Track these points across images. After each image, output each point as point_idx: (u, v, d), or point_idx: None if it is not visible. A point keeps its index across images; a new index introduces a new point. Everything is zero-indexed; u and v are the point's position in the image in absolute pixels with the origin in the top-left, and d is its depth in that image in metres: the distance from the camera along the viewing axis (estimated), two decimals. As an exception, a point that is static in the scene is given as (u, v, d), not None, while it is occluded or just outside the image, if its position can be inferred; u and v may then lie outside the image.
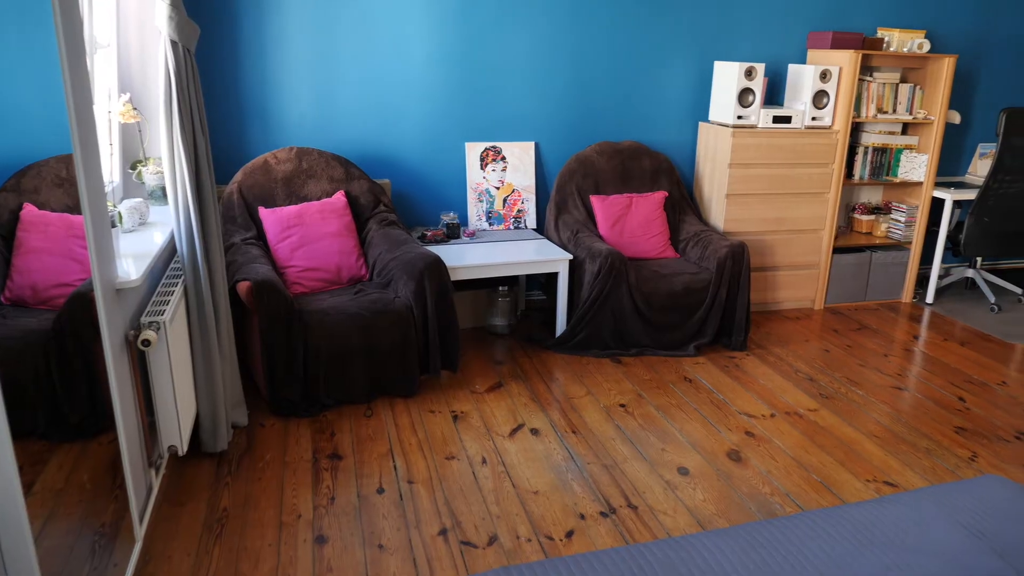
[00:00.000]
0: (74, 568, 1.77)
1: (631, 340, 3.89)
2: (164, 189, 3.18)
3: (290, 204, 3.65)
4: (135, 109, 3.07)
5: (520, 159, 4.33)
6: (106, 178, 3.03)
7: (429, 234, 4.01)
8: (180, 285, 2.70)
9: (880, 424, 3.27)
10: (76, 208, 1.92)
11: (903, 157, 4.75)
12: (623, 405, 3.37)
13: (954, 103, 5.10)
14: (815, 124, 4.43)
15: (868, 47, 4.44)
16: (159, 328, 2.40)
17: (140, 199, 2.94)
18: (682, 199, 4.44)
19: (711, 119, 4.52)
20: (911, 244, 4.82)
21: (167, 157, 2.59)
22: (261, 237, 3.58)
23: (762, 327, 4.38)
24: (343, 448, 2.95)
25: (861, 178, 4.73)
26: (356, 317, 3.20)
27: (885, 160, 4.75)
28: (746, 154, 4.30)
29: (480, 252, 3.87)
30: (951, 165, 5.32)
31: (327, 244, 3.53)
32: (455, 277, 3.63)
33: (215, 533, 2.41)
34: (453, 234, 4.09)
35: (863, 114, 4.57)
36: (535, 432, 3.12)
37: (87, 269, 1.98)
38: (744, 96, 4.27)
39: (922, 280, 5.15)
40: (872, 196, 5.06)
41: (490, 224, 4.33)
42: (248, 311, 3.15)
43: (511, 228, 4.36)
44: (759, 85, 4.27)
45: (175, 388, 2.50)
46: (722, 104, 4.39)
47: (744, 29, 4.55)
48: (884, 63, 4.67)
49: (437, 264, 3.32)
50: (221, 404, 2.81)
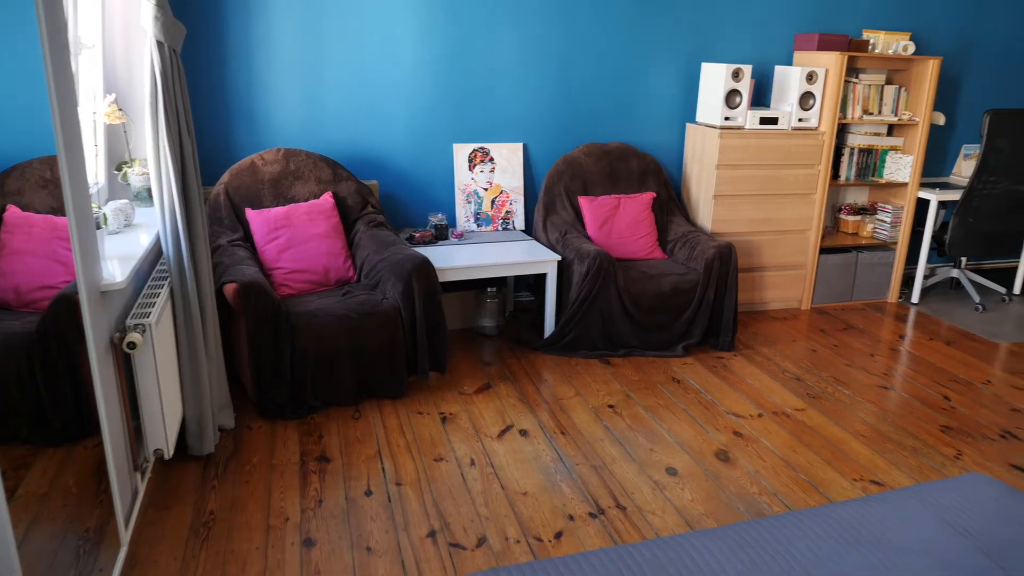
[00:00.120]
0: (58, 573, 1.75)
1: (619, 341, 3.90)
2: (150, 190, 3.16)
3: (277, 205, 3.63)
4: (120, 110, 3.05)
5: (508, 160, 4.33)
6: (91, 179, 3.01)
7: (417, 235, 4.00)
8: (166, 287, 2.69)
9: (866, 423, 3.29)
10: (60, 210, 1.90)
11: (888, 158, 4.78)
12: (612, 406, 3.37)
13: (939, 105, 5.14)
14: (801, 125, 4.46)
15: (854, 49, 4.47)
16: (145, 330, 2.38)
17: (125, 200, 2.92)
18: (670, 200, 4.46)
19: (698, 120, 4.54)
20: (897, 244, 4.86)
21: (153, 158, 2.57)
22: (248, 239, 3.56)
23: (750, 327, 4.40)
24: (331, 450, 2.94)
25: (847, 179, 4.76)
26: (344, 319, 3.19)
27: (871, 161, 4.78)
28: (733, 155, 4.32)
29: (468, 253, 3.87)
30: (936, 166, 5.37)
31: (314, 246, 3.52)
32: (443, 278, 3.62)
33: (202, 537, 2.40)
34: (441, 235, 4.08)
35: (849, 115, 4.60)
36: (524, 433, 3.12)
37: (71, 271, 1.96)
38: (731, 97, 4.29)
39: (908, 280, 5.19)
40: (858, 197, 5.10)
41: (478, 225, 4.32)
42: (235, 313, 3.13)
43: (499, 229, 4.35)
44: (746, 86, 4.29)
45: (161, 391, 2.48)
46: (709, 105, 4.40)
47: (731, 31, 4.57)
48: (869, 65, 4.70)
49: (425, 265, 3.31)
50: (208, 407, 2.80)
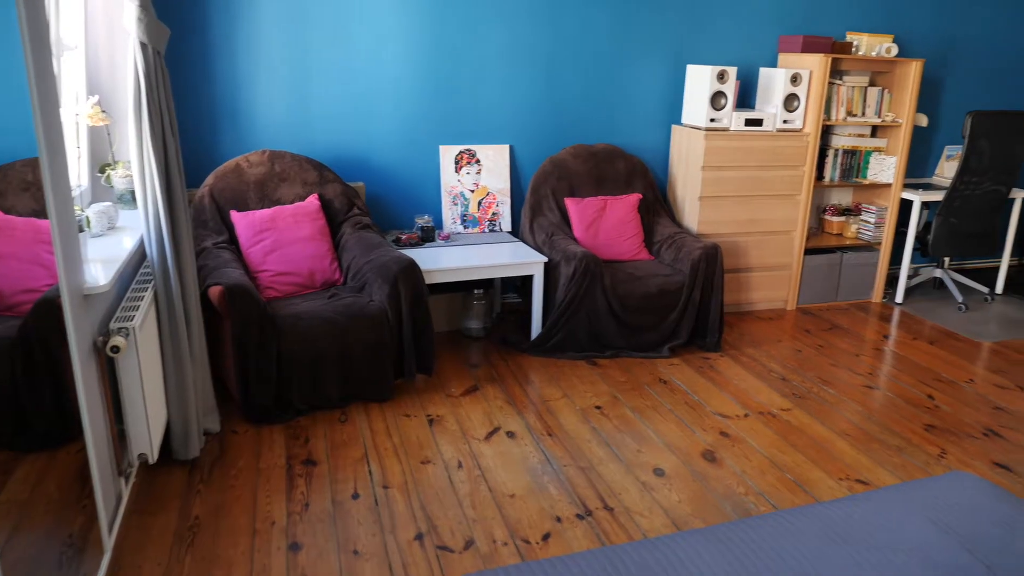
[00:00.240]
0: (41, 580, 1.73)
1: (606, 342, 3.90)
2: (133, 193, 3.14)
3: (263, 208, 3.61)
4: (103, 112, 3.03)
5: (495, 162, 4.33)
6: (74, 182, 2.98)
7: (404, 237, 3.99)
8: (150, 290, 2.67)
9: (852, 423, 3.31)
10: (43, 212, 1.89)
11: (872, 159, 4.82)
12: (599, 407, 3.38)
13: (921, 106, 5.18)
14: (786, 127, 4.48)
15: (837, 51, 4.50)
16: (128, 334, 2.36)
17: (109, 203, 2.89)
18: (656, 201, 4.47)
19: (684, 122, 4.55)
20: (880, 245, 4.89)
21: (136, 160, 2.55)
22: (233, 241, 3.54)
23: (736, 328, 4.41)
24: (317, 454, 2.93)
25: (831, 180, 4.79)
26: (330, 321, 3.18)
27: (855, 162, 4.82)
28: (719, 156, 4.34)
29: (455, 255, 3.86)
30: (919, 167, 5.41)
31: (300, 248, 3.50)
32: (430, 280, 3.62)
33: (186, 542, 2.38)
34: (428, 237, 4.07)
35: (833, 117, 4.63)
36: (511, 435, 3.12)
37: (54, 275, 1.94)
38: (716, 99, 4.31)
39: (892, 280, 5.23)
40: (842, 198, 5.13)
41: (465, 227, 4.32)
42: (220, 316, 3.11)
43: (486, 231, 4.35)
44: (731, 88, 4.31)
45: (145, 395, 2.46)
46: (695, 107, 4.42)
47: (716, 33, 4.59)
48: (853, 67, 4.73)
49: (411, 267, 3.31)
50: (193, 411, 2.78)
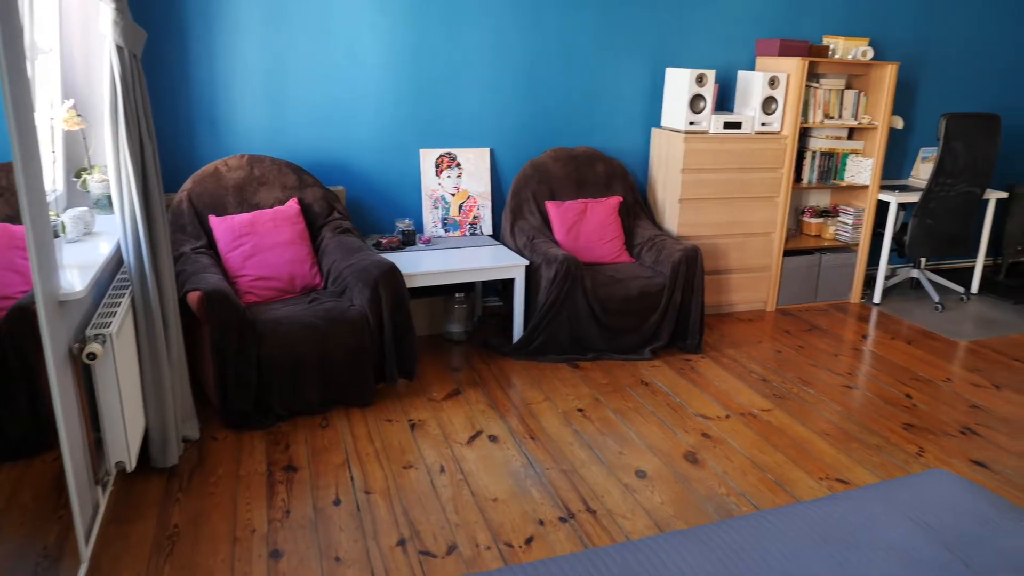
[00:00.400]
0: (17, 591, 1.70)
1: (588, 345, 3.91)
2: (110, 198, 3.10)
3: (242, 212, 3.59)
4: (79, 116, 2.99)
5: (475, 165, 4.33)
6: (49, 187, 2.95)
7: (384, 241, 3.98)
8: (127, 296, 2.63)
9: (831, 423, 3.34)
10: (17, 218, 1.86)
11: (849, 161, 4.87)
12: (581, 410, 3.38)
13: (897, 109, 5.24)
14: (764, 130, 4.52)
15: (814, 54, 4.54)
16: (105, 341, 2.33)
17: (85, 208, 2.86)
18: (636, 204, 4.49)
19: (663, 125, 4.58)
20: (858, 246, 4.94)
21: (113, 165, 2.52)
22: (212, 246, 3.51)
23: (716, 329, 4.44)
24: (298, 460, 2.90)
25: (809, 182, 4.83)
26: (310, 326, 3.16)
27: (832, 164, 4.86)
28: (698, 159, 4.36)
29: (436, 259, 3.86)
30: (895, 169, 5.48)
31: (280, 252, 3.48)
32: (411, 284, 3.61)
33: (165, 551, 2.35)
34: (408, 241, 4.06)
35: (810, 120, 4.67)
36: (493, 439, 3.11)
37: (29, 281, 1.92)
38: (695, 102, 4.33)
39: (869, 281, 5.28)
40: (820, 200, 5.18)
41: (446, 231, 4.31)
42: (199, 322, 3.08)
43: (467, 234, 4.35)
44: (710, 91, 4.34)
45: (122, 402, 2.43)
46: (674, 110, 4.44)
47: (694, 36, 4.62)
48: (830, 70, 4.78)
49: (392, 272, 3.29)
50: (171, 418, 2.75)
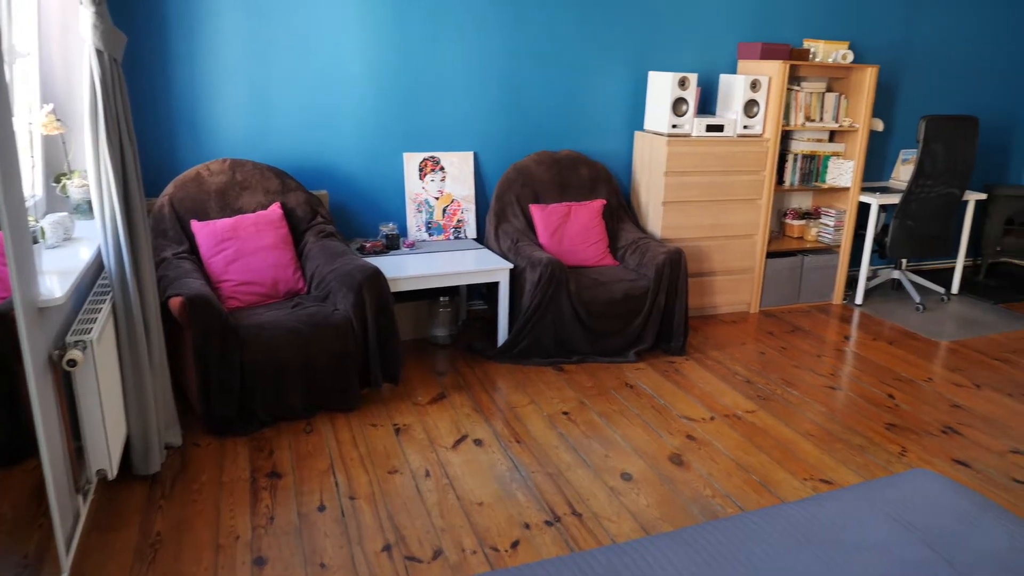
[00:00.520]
0: (-5, 602, 1.68)
1: (572, 348, 3.91)
2: (90, 203, 3.07)
3: (224, 217, 3.56)
4: (58, 120, 2.96)
5: (459, 169, 4.32)
6: (27, 192, 2.91)
7: (368, 245, 3.96)
8: (108, 302, 2.61)
9: (815, 423, 3.36)
10: (-7, 224, 1.84)
11: (831, 164, 4.91)
12: (566, 413, 3.38)
13: (877, 111, 5.29)
14: (747, 132, 4.54)
15: (795, 58, 4.58)
16: (85, 347, 2.31)
17: (64, 213, 2.83)
18: (620, 207, 4.50)
19: (646, 128, 4.59)
20: (840, 248, 4.98)
21: (93, 170, 2.50)
22: (194, 251, 3.48)
23: (700, 331, 4.46)
24: (282, 466, 2.88)
25: (791, 184, 4.86)
26: (294, 331, 3.14)
27: (814, 167, 4.90)
28: (681, 162, 4.38)
29: (420, 263, 3.85)
30: (875, 171, 5.53)
31: (263, 257, 3.46)
32: (395, 288, 3.60)
33: (147, 559, 2.33)
34: (392, 245, 4.05)
35: (792, 122, 4.70)
36: (479, 443, 3.10)
37: (7, 287, 1.89)
38: (678, 105, 4.35)
39: (851, 282, 5.32)
40: (802, 202, 5.22)
41: (430, 235, 4.30)
42: (181, 327, 3.06)
43: (451, 238, 4.34)
44: (692, 95, 4.36)
45: (103, 409, 2.41)
46: (657, 113, 4.46)
47: (677, 40, 4.64)
48: (811, 73, 4.82)
49: (376, 276, 3.28)
50: (153, 424, 2.72)
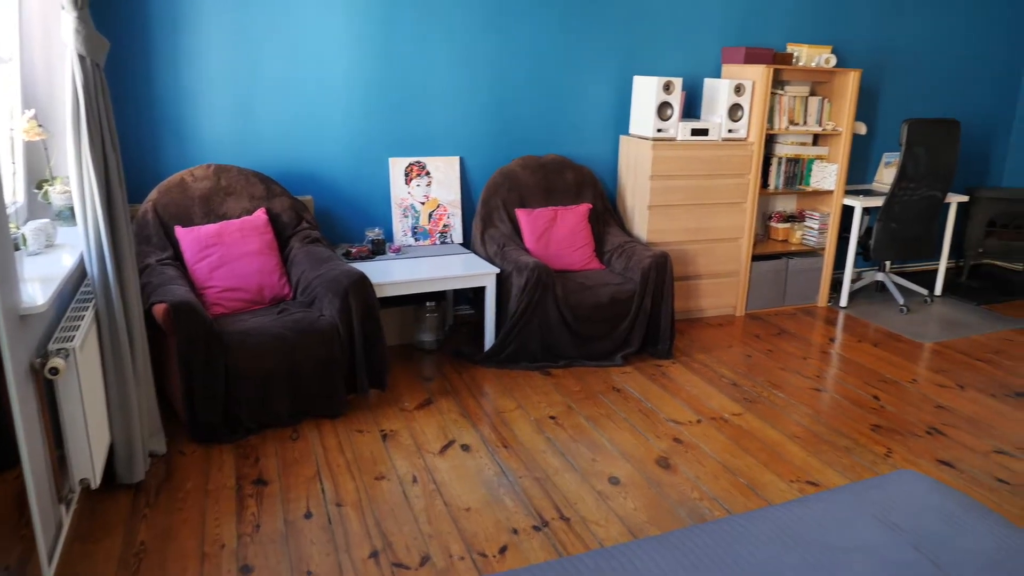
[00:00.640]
0: (-24, 614, 1.66)
1: (559, 352, 3.91)
2: (73, 209, 3.04)
3: (208, 223, 3.54)
4: (40, 126, 2.93)
5: (445, 174, 4.32)
6: (9, 198, 2.88)
7: (354, 251, 3.95)
8: (91, 309, 2.58)
9: (801, 425, 3.37)
10: (-27, 231, 1.82)
11: (815, 167, 4.94)
12: (553, 417, 3.38)
13: (860, 115, 5.34)
14: (731, 136, 4.57)
15: (779, 62, 4.61)
16: (68, 355, 2.28)
17: (46, 220, 2.80)
18: (606, 211, 4.51)
19: (631, 132, 4.61)
20: (824, 250, 5.01)
21: (75, 176, 2.48)
22: (178, 257, 3.46)
23: (686, 335, 4.47)
24: (268, 473, 2.87)
25: (776, 188, 4.89)
26: (279, 337, 3.12)
27: (798, 170, 4.93)
28: (666, 166, 4.40)
29: (406, 268, 3.84)
30: (859, 174, 5.57)
31: (248, 263, 3.44)
32: (381, 294, 3.58)
33: (132, 569, 2.30)
34: (378, 250, 4.04)
35: (776, 126, 4.73)
36: (466, 448, 3.10)
37: (-14, 295, 1.87)
38: (663, 110, 4.37)
39: (836, 284, 5.36)
40: (787, 205, 5.25)
41: (416, 240, 4.30)
42: (165, 334, 3.03)
43: (437, 243, 4.33)
44: (677, 99, 4.38)
45: (86, 418, 2.38)
46: (642, 118, 4.48)
47: (661, 44, 4.66)
48: (794, 77, 4.85)
49: (362, 281, 3.27)
50: (137, 433, 2.70)
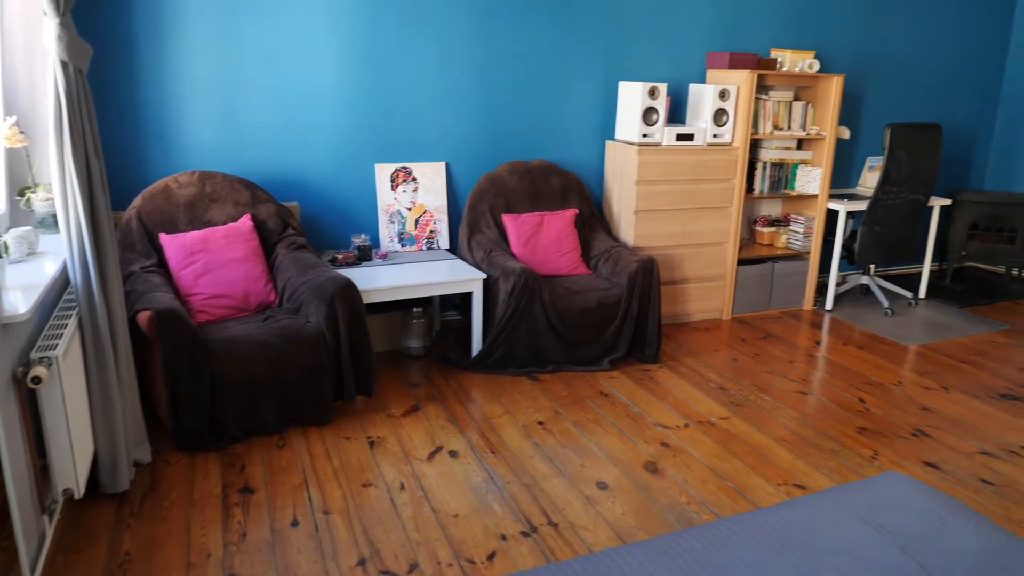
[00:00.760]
0: (-43, 628, 1.63)
1: (547, 357, 3.91)
2: (55, 216, 3.02)
3: (193, 230, 3.52)
4: (22, 133, 2.91)
5: (431, 180, 4.32)
6: (-11, 206, 2.86)
7: (340, 257, 3.94)
8: (74, 317, 2.56)
9: (788, 428, 3.39)
10: (-46, 239, 1.80)
11: (799, 171, 4.97)
12: (541, 423, 3.38)
13: (843, 119, 5.38)
14: (716, 141, 4.59)
15: (763, 67, 4.64)
16: (51, 364, 2.26)
17: (29, 227, 2.78)
18: (592, 216, 4.52)
19: (617, 137, 4.62)
20: (810, 254, 5.04)
21: (58, 183, 2.46)
22: (163, 265, 3.43)
23: (673, 339, 4.48)
24: (254, 481, 2.84)
25: (761, 192, 4.92)
26: (265, 344, 3.11)
27: (783, 174, 4.96)
28: (652, 171, 4.41)
29: (393, 274, 3.83)
30: (843, 178, 5.61)
31: (233, 270, 3.42)
32: (368, 300, 3.57)
33: (117, 579, 2.28)
34: (365, 256, 4.03)
35: (761, 131, 4.76)
36: (454, 454, 3.09)
37: (-33, 304, 1.85)
38: (648, 115, 4.39)
39: (821, 288, 5.39)
40: (772, 209, 5.28)
41: (402, 245, 4.29)
42: (149, 342, 3.01)
43: (424, 249, 4.33)
44: (662, 104, 4.40)
45: (70, 427, 2.36)
46: (627, 123, 4.49)
47: (646, 50, 4.68)
48: (778, 82, 4.89)
49: (349, 287, 3.26)
50: (121, 441, 2.67)
